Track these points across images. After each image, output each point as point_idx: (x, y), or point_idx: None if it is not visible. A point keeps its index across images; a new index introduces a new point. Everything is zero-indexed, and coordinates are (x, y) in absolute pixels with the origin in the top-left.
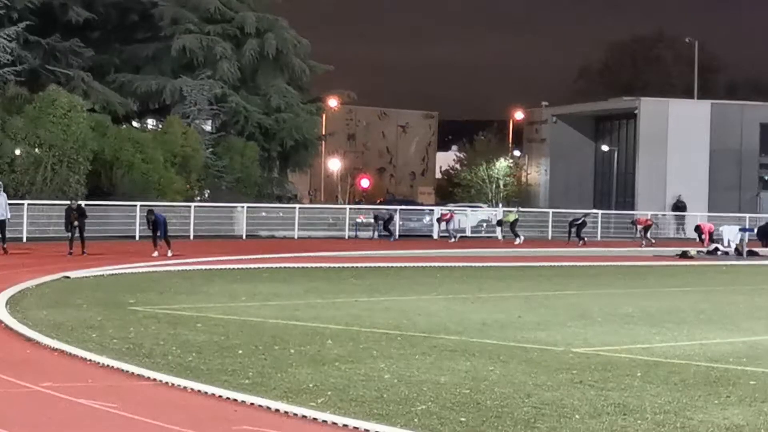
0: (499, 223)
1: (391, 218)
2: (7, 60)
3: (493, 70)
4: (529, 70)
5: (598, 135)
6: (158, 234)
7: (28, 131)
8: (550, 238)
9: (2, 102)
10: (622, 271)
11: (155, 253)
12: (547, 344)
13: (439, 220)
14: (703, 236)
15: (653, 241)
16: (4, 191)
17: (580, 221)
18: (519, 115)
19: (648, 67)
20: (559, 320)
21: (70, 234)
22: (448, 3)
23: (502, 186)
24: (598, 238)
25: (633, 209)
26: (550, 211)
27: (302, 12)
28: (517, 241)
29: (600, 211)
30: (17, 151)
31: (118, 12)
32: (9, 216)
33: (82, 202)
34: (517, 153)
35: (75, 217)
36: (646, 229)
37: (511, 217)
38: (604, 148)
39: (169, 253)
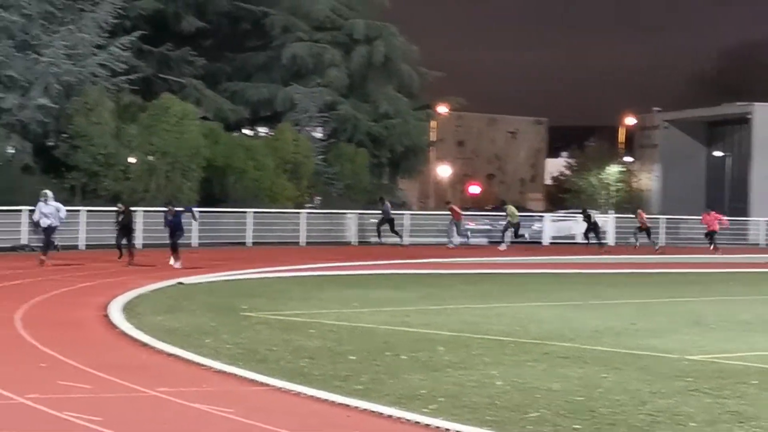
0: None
1: (391, 220)
2: (122, 69)
3: (603, 75)
4: (639, 76)
5: (711, 140)
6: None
7: (142, 139)
8: (662, 244)
9: (117, 110)
10: (737, 278)
11: (176, 263)
12: (661, 351)
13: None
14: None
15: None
16: (52, 199)
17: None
18: (630, 120)
19: (761, 72)
20: (674, 327)
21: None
22: (557, 8)
23: (613, 192)
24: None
25: (746, 215)
26: (662, 217)
27: (413, 18)
28: (502, 246)
29: None
30: (131, 159)
31: (230, 21)
32: (59, 223)
33: (133, 207)
34: (628, 159)
35: (122, 222)
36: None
37: (515, 219)
38: (717, 153)
39: (178, 264)
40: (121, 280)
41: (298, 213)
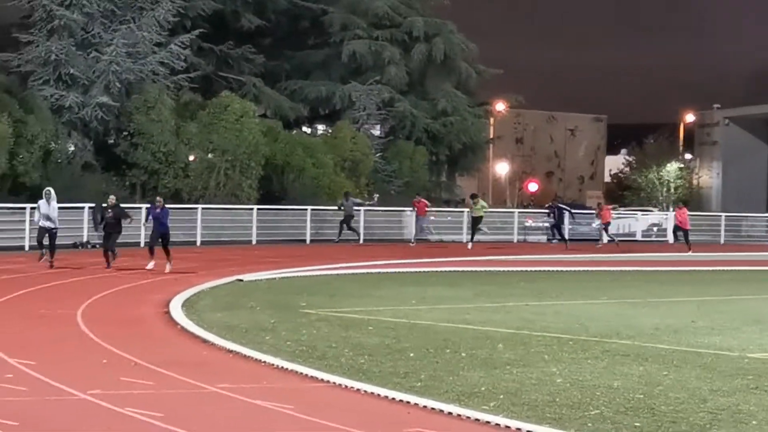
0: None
1: (351, 217)
2: (181, 67)
3: (662, 72)
4: (699, 73)
5: None
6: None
7: (202, 137)
8: (722, 242)
9: (176, 108)
10: None
11: (151, 263)
12: (721, 349)
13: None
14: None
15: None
16: (54, 200)
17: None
18: (690, 117)
19: None
20: (734, 325)
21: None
22: (615, 6)
23: (672, 189)
24: None
25: None
26: (722, 215)
27: (471, 16)
28: (470, 245)
29: None
30: (191, 157)
31: (289, 19)
32: (57, 226)
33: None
34: (688, 156)
35: (109, 217)
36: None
37: (479, 212)
38: None
39: (151, 265)
40: (179, 278)
41: (358, 211)
